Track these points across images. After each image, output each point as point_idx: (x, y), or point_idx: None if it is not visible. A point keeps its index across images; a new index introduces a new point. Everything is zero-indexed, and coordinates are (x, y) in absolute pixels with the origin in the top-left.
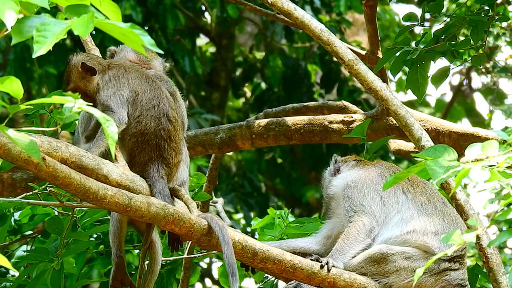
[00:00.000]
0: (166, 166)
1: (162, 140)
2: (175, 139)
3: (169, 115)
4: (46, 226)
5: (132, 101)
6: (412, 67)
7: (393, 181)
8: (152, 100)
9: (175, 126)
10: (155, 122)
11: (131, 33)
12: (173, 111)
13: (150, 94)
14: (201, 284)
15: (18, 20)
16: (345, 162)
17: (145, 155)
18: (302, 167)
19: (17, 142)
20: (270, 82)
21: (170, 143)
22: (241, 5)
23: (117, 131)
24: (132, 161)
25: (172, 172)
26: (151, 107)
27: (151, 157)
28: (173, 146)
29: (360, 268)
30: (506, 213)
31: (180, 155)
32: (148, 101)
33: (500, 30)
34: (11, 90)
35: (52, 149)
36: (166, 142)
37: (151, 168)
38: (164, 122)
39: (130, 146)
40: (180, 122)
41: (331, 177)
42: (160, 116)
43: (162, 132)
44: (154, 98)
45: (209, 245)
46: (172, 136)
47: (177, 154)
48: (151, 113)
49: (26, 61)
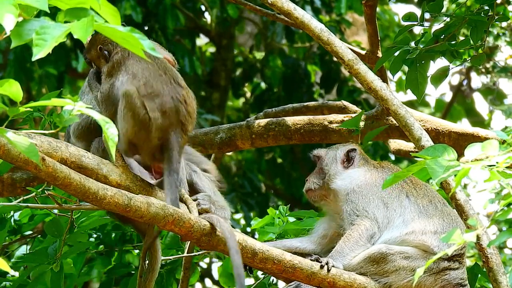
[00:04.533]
0: (184, 133)
1: (179, 103)
2: (190, 103)
3: (179, 81)
4: (45, 228)
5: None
6: (412, 67)
7: (393, 180)
8: (156, 69)
9: (187, 92)
10: (167, 87)
11: (130, 37)
12: (180, 79)
13: (153, 67)
14: (201, 284)
15: (17, 23)
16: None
17: (166, 119)
18: (302, 167)
19: (16, 144)
20: (270, 82)
21: (187, 107)
22: (241, 5)
23: (116, 133)
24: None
25: (186, 142)
26: (158, 75)
27: (172, 122)
28: (189, 110)
29: (360, 268)
30: (506, 213)
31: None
32: (153, 71)
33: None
34: (10, 93)
35: (52, 149)
36: (183, 105)
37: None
38: (176, 86)
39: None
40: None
41: (341, 168)
42: (169, 81)
43: (178, 95)
44: (157, 67)
45: (209, 245)
46: (187, 100)
47: (192, 121)
48: (160, 80)
49: (26, 62)
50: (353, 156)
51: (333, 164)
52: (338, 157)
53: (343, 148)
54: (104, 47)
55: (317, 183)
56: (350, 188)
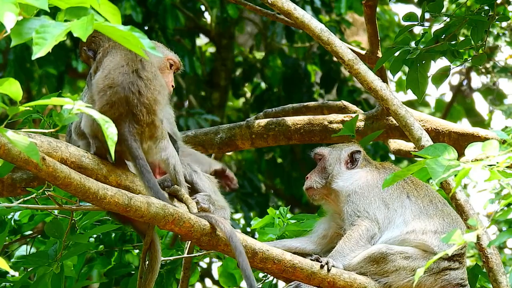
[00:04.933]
0: (137, 124)
1: (131, 93)
2: (146, 95)
3: (140, 72)
4: (46, 229)
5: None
6: (412, 67)
7: (393, 179)
8: (121, 61)
9: (147, 83)
10: (123, 77)
11: (130, 35)
12: (146, 71)
13: (119, 58)
14: (201, 284)
15: (17, 22)
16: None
17: (115, 110)
18: (302, 167)
19: (17, 144)
20: (270, 82)
21: (140, 98)
22: (241, 5)
23: (116, 132)
24: None
25: (144, 132)
26: (119, 67)
27: (121, 113)
28: (143, 102)
29: (360, 267)
30: (506, 213)
31: (154, 115)
32: (117, 63)
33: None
34: (10, 92)
35: (52, 149)
36: (135, 96)
37: (122, 126)
38: (133, 77)
39: (100, 102)
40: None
41: (344, 169)
42: (128, 72)
43: (131, 86)
44: (123, 60)
45: (209, 245)
46: (142, 91)
47: (149, 112)
48: (119, 71)
49: (26, 61)
50: (358, 158)
51: (337, 164)
52: (342, 158)
53: (347, 149)
54: (89, 47)
55: (319, 182)
56: (351, 189)
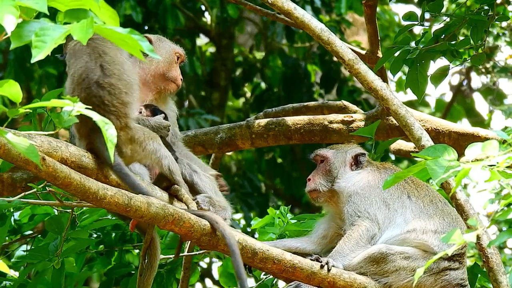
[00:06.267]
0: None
1: (96, 106)
2: (112, 102)
3: (101, 81)
4: (46, 225)
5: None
6: (412, 67)
7: (393, 180)
8: (82, 74)
9: (110, 90)
10: (85, 92)
11: (129, 38)
12: (108, 77)
13: (80, 69)
14: (201, 284)
15: (17, 24)
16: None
17: (86, 126)
18: (302, 167)
19: (16, 145)
20: (270, 82)
21: (106, 108)
22: (241, 5)
23: (115, 134)
24: (79, 136)
25: (120, 137)
26: (81, 81)
27: (92, 125)
28: (110, 110)
29: (360, 267)
30: (506, 213)
31: (126, 118)
32: (79, 76)
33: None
34: (10, 94)
35: (52, 149)
36: (100, 108)
37: (96, 140)
38: (95, 90)
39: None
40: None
41: (348, 171)
42: (89, 85)
43: (94, 99)
44: (84, 72)
45: (209, 245)
46: (107, 100)
47: (119, 117)
48: (81, 86)
49: (26, 62)
50: (363, 161)
51: (342, 167)
52: (347, 161)
53: (351, 152)
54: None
55: (324, 185)
56: (353, 190)
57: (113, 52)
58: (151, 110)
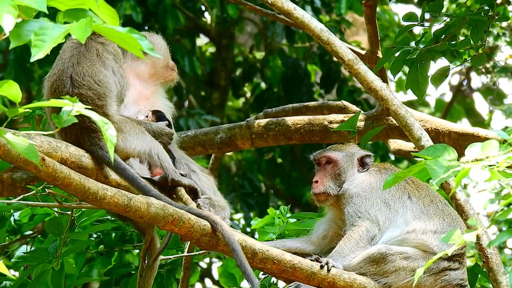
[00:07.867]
0: (93, 133)
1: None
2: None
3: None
4: (46, 227)
5: None
6: (412, 67)
7: (393, 180)
8: (53, 84)
9: (82, 99)
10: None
11: (129, 37)
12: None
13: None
14: (201, 284)
15: (16, 24)
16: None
17: (69, 135)
18: (302, 167)
19: (16, 146)
20: (270, 82)
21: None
22: (241, 5)
23: (115, 134)
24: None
25: None
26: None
27: (76, 134)
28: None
29: (359, 268)
30: (506, 213)
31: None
32: (51, 86)
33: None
34: (9, 94)
35: (52, 149)
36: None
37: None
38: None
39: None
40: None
41: (356, 173)
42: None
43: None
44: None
45: (209, 245)
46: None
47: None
48: (53, 96)
49: (26, 62)
50: (368, 163)
51: (350, 170)
52: (354, 163)
53: (358, 154)
54: None
55: (334, 188)
56: (355, 192)
57: (88, 63)
58: (157, 116)
